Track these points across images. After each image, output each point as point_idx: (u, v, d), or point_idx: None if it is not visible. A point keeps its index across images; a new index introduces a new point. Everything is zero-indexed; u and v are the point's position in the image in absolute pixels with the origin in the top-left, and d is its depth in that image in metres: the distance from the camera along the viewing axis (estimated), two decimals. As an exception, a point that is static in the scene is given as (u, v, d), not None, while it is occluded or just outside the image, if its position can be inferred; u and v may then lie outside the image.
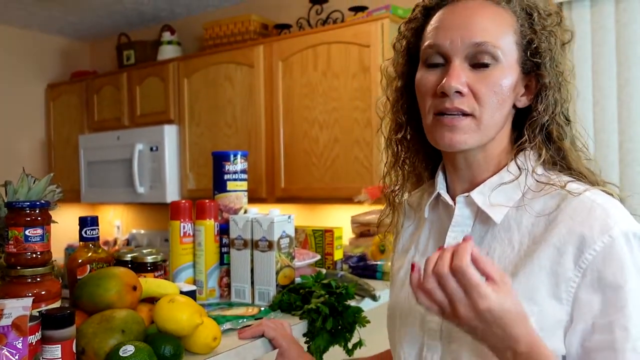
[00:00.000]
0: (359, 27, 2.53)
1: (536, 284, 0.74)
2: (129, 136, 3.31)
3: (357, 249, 2.01)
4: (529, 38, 0.79)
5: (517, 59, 0.79)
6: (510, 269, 0.77)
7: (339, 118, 2.60)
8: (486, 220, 0.82)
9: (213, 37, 3.11)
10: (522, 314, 0.68)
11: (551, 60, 0.79)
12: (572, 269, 0.73)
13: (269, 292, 1.37)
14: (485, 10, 0.78)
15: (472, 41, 0.77)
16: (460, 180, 0.86)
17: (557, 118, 0.80)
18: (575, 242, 0.73)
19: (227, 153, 1.49)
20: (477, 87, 0.77)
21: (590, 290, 0.72)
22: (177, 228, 1.42)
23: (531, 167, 0.80)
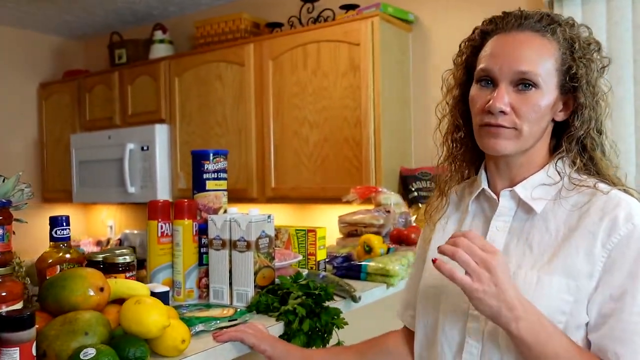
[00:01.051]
0: (349, 25, 2.51)
1: (575, 263, 0.88)
2: (120, 135, 3.30)
3: (343, 249, 1.99)
4: (568, 65, 0.93)
5: (556, 83, 0.93)
6: (549, 252, 0.92)
7: (329, 117, 2.58)
8: (527, 211, 0.97)
9: (204, 35, 3.09)
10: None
11: (587, 83, 0.93)
12: (600, 249, 0.87)
13: (247, 293, 1.35)
14: (531, 42, 0.93)
15: (517, 69, 0.92)
16: (501, 178, 1.00)
17: (591, 132, 0.95)
18: (605, 227, 0.88)
19: (206, 152, 1.47)
20: (519, 106, 0.92)
21: (612, 268, 0.86)
22: (155, 228, 1.39)
23: (567, 172, 0.95)
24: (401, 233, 1.89)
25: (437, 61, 2.63)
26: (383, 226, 2.04)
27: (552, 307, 0.87)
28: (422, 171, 2.57)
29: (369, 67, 2.45)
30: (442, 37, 2.61)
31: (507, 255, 0.94)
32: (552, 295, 0.88)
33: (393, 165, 2.57)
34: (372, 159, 2.47)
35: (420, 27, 2.69)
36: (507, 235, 0.97)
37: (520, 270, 0.92)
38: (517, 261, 0.93)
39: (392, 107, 2.56)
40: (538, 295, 0.88)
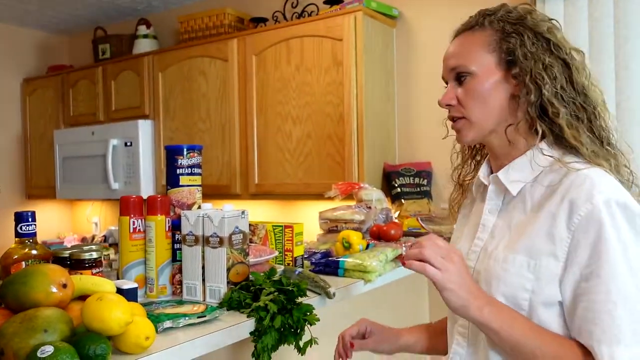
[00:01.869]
0: (331, 21, 2.50)
1: (535, 243, 0.93)
2: (103, 131, 3.27)
3: (323, 245, 1.98)
4: (499, 43, 1.00)
5: (495, 62, 1.00)
6: (519, 230, 0.97)
7: (312, 113, 2.57)
8: (509, 194, 1.03)
9: (188, 30, 3.07)
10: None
11: (523, 53, 0.97)
12: (565, 230, 0.90)
13: (219, 289, 1.33)
14: (460, 41, 1.04)
15: (449, 67, 1.05)
16: (495, 165, 1.08)
17: (546, 97, 0.96)
18: (565, 208, 0.91)
19: (180, 147, 1.46)
20: (462, 96, 1.02)
21: (577, 249, 0.89)
22: (127, 224, 1.38)
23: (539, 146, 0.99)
24: (380, 229, 1.88)
25: (421, 57, 2.62)
26: (364, 222, 2.03)
27: (515, 284, 0.94)
28: (406, 167, 2.56)
29: (351, 63, 2.44)
30: (426, 33, 2.60)
31: (493, 237, 1.02)
32: (514, 272, 0.94)
33: (376, 161, 2.56)
34: (354, 155, 2.45)
35: (404, 22, 2.68)
36: (497, 218, 1.04)
37: (495, 251, 0.99)
38: (497, 242, 1.00)
39: (376, 102, 2.54)
40: (502, 272, 0.95)
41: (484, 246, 1.03)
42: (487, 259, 1.00)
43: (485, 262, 1.00)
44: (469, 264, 1.03)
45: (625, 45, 2.09)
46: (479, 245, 1.05)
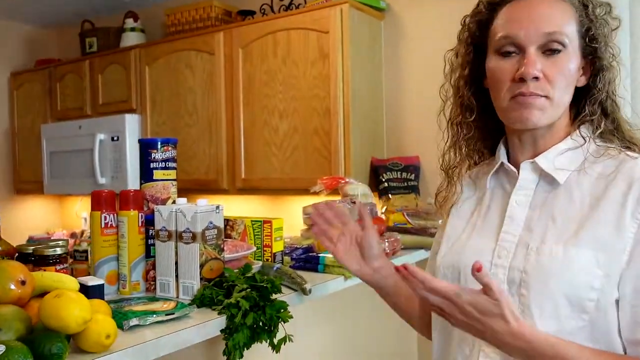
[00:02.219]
0: (318, 13, 2.46)
1: (602, 234, 0.83)
2: (90, 125, 3.23)
3: (306, 241, 1.95)
4: (587, 26, 0.90)
5: (578, 45, 0.90)
6: (575, 223, 0.86)
7: (299, 107, 2.53)
8: (550, 183, 0.92)
9: (175, 23, 3.03)
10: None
11: (605, 45, 0.90)
12: (630, 219, 0.82)
13: (192, 286, 1.31)
14: (550, 3, 0.89)
15: (544, 31, 0.87)
16: (524, 151, 0.96)
17: (611, 95, 0.92)
18: (634, 195, 0.83)
19: (154, 140, 1.43)
20: (550, 71, 0.87)
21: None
22: (98, 219, 1.35)
23: (592, 136, 0.91)
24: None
25: (409, 50, 2.59)
26: (348, 217, 2.00)
27: (582, 283, 0.82)
28: (393, 161, 2.54)
29: (338, 56, 2.41)
30: (415, 26, 2.57)
31: (530, 230, 0.90)
32: (581, 269, 0.82)
33: (364, 155, 2.53)
34: (341, 149, 2.42)
35: (392, 15, 2.65)
36: (529, 209, 0.92)
37: (544, 246, 0.87)
38: (541, 236, 0.88)
39: (363, 96, 2.51)
40: (565, 270, 0.83)
41: (520, 242, 0.90)
42: (537, 256, 0.86)
43: (532, 259, 0.87)
44: (500, 262, 0.91)
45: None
46: (509, 240, 0.91)
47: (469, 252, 0.95)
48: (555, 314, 0.83)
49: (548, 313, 0.83)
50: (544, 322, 0.83)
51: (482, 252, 0.92)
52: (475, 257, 0.89)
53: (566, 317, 0.82)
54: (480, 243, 0.95)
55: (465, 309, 0.79)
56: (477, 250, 0.93)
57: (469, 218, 1.03)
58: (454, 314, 0.80)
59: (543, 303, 0.84)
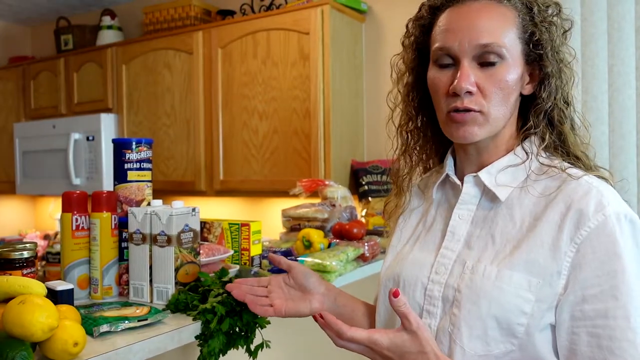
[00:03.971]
0: (298, 14, 2.44)
1: (537, 258, 0.80)
2: (65, 125, 3.16)
3: (285, 244, 1.93)
4: (530, 31, 0.84)
5: (520, 52, 0.85)
6: (512, 243, 0.83)
7: (279, 108, 2.51)
8: (492, 199, 0.89)
9: (153, 22, 2.98)
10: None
11: (552, 49, 0.85)
12: (568, 244, 0.79)
13: (167, 290, 1.27)
14: (488, 11, 0.84)
15: (479, 42, 0.83)
16: (470, 163, 0.93)
17: (558, 103, 0.86)
18: (573, 218, 0.79)
19: (128, 140, 1.38)
20: (485, 85, 0.83)
21: (582, 265, 0.77)
22: (69, 221, 1.30)
23: (536, 151, 0.87)
24: (342, 227, 1.83)
25: (390, 53, 2.55)
26: (327, 220, 1.98)
27: (512, 306, 0.79)
28: (374, 164, 2.52)
29: (318, 57, 2.38)
30: (395, 28, 2.56)
31: (469, 248, 0.87)
32: (512, 292, 0.79)
33: (344, 158, 2.51)
34: (321, 151, 2.40)
35: (373, 17, 2.63)
36: (470, 225, 0.89)
37: (479, 264, 0.84)
38: (478, 254, 0.86)
39: (343, 98, 2.49)
40: (497, 292, 0.80)
41: (458, 258, 0.87)
42: (471, 274, 0.84)
43: (467, 277, 0.84)
44: (437, 278, 0.88)
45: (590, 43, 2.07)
46: (448, 256, 0.89)
47: (410, 265, 0.93)
48: (484, 336, 0.81)
49: (477, 334, 0.81)
50: (472, 343, 0.82)
51: (421, 267, 0.91)
52: (415, 271, 0.91)
53: (495, 340, 0.80)
54: (421, 257, 0.93)
55: (385, 354, 0.78)
56: (417, 264, 0.92)
57: (414, 229, 1.00)
58: (374, 357, 0.80)
59: (472, 324, 0.82)
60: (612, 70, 2.05)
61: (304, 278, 1.06)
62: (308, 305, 1.05)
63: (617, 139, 2.04)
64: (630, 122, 2.03)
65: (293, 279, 1.07)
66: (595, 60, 2.07)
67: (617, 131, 2.04)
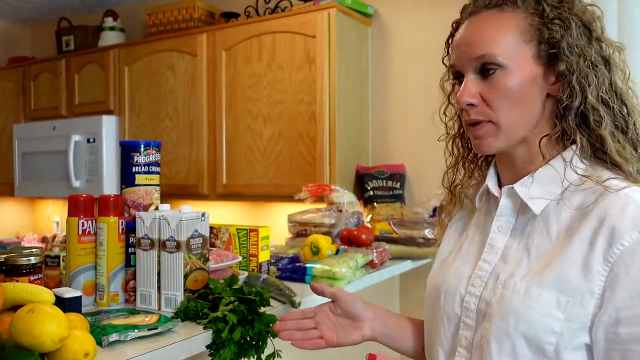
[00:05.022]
0: (304, 17, 2.41)
1: (567, 276, 0.77)
2: (65, 126, 3.12)
3: (291, 250, 1.89)
4: (540, 30, 0.82)
5: (533, 54, 0.82)
6: (545, 259, 0.81)
7: (283, 111, 2.48)
8: (528, 212, 0.86)
9: (157, 23, 2.95)
10: None
11: (568, 46, 0.80)
12: (601, 262, 0.76)
13: (176, 297, 1.24)
14: (486, 22, 0.84)
15: (474, 56, 0.84)
16: (507, 173, 0.91)
17: (590, 102, 0.80)
18: (605, 234, 0.76)
19: (137, 143, 1.35)
20: (487, 95, 0.84)
21: (615, 285, 0.74)
22: (75, 225, 1.27)
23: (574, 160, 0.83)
24: (351, 233, 1.80)
25: (397, 57, 2.56)
26: (334, 226, 1.95)
27: (541, 324, 0.78)
28: (379, 169, 2.50)
29: (324, 61, 2.36)
30: (402, 33, 2.54)
31: (505, 261, 0.86)
32: (540, 310, 0.78)
33: (349, 162, 2.49)
34: (326, 156, 2.37)
35: (380, 21, 2.61)
36: (509, 238, 0.88)
37: (511, 279, 0.83)
38: (512, 269, 0.84)
39: (349, 102, 2.47)
40: (524, 309, 0.79)
41: (493, 271, 0.86)
42: (503, 289, 0.82)
43: (498, 292, 0.83)
44: (473, 290, 0.88)
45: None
46: (485, 269, 0.88)
47: (450, 276, 0.94)
48: (513, 353, 0.80)
49: (506, 351, 0.80)
50: (501, 359, 0.81)
51: (460, 278, 0.91)
52: (455, 282, 0.91)
53: (524, 357, 0.79)
54: (461, 268, 0.92)
55: None
56: (457, 275, 0.92)
57: (457, 238, 1.00)
58: None
59: (501, 340, 0.81)
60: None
61: (351, 305, 1.06)
62: (360, 333, 1.05)
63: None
64: None
65: (340, 308, 1.06)
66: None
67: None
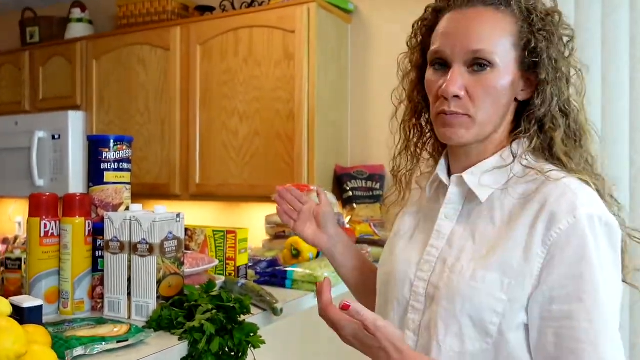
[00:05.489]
0: (283, 11, 2.33)
1: (509, 259, 0.82)
2: (28, 122, 2.97)
3: (269, 252, 1.81)
4: (527, 38, 0.86)
5: (515, 58, 0.86)
6: (490, 244, 0.85)
7: (260, 109, 2.39)
8: (474, 199, 0.90)
9: (127, 15, 2.82)
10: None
11: (549, 58, 0.85)
12: (540, 245, 0.80)
13: (147, 305, 1.14)
14: (484, 18, 0.86)
15: (470, 48, 0.85)
16: (459, 164, 0.94)
17: (553, 111, 0.87)
18: (545, 219, 0.81)
19: (106, 137, 1.25)
20: (473, 90, 0.85)
21: (551, 266, 0.79)
22: (37, 226, 1.16)
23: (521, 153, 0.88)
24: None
25: (376, 55, 2.50)
26: (314, 228, 1.87)
27: (484, 305, 0.82)
28: (358, 170, 2.43)
29: (304, 57, 2.28)
30: (382, 30, 2.48)
31: (451, 246, 0.90)
32: (485, 292, 0.82)
33: (328, 162, 2.41)
34: (304, 156, 2.29)
35: (359, 17, 2.55)
36: (456, 224, 0.91)
37: (458, 263, 0.87)
38: (458, 253, 0.88)
39: (328, 101, 2.40)
40: (470, 291, 0.83)
41: (440, 256, 0.90)
42: (450, 273, 0.86)
43: (446, 276, 0.87)
44: (422, 275, 0.91)
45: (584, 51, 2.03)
46: (433, 254, 0.91)
47: (399, 262, 0.97)
48: (460, 334, 0.84)
49: (453, 332, 0.84)
50: (448, 340, 0.84)
51: (410, 264, 0.94)
52: (405, 269, 0.94)
53: (470, 339, 0.83)
54: (411, 255, 0.95)
55: (350, 341, 0.81)
56: (406, 261, 0.95)
57: (409, 226, 1.02)
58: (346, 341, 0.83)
59: (449, 321, 0.85)
60: (605, 79, 2.02)
61: (323, 216, 1.16)
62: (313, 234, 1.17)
63: (609, 147, 2.00)
64: (624, 131, 1.99)
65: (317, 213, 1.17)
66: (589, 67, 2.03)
67: (608, 140, 2.00)
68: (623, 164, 1.99)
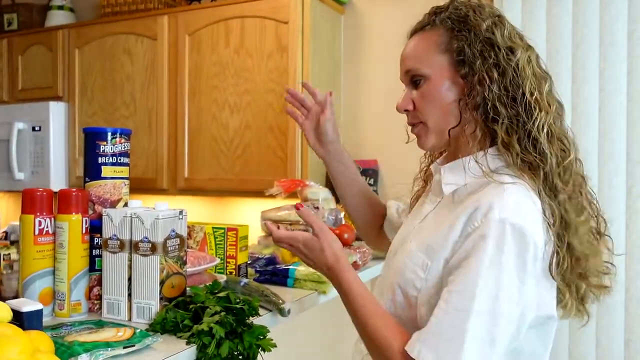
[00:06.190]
0: (277, 1, 2.26)
1: (435, 244, 0.92)
2: (7, 113, 2.85)
3: (266, 250, 1.76)
4: (451, 42, 0.96)
5: (449, 62, 0.96)
6: (432, 229, 0.97)
7: (252, 102, 2.33)
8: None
9: (111, 3, 2.73)
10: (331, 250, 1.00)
11: (472, 54, 0.93)
12: (458, 235, 0.89)
13: (150, 307, 1.09)
14: (412, 42, 1.02)
15: (404, 71, 1.03)
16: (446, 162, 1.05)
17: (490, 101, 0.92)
18: (468, 214, 0.89)
19: (104, 130, 1.19)
20: (418, 102, 1.00)
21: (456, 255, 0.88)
22: (31, 224, 1.09)
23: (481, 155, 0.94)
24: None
25: (370, 47, 2.45)
26: (311, 224, 1.82)
27: (408, 279, 0.94)
28: (351, 164, 2.38)
29: (297, 49, 2.22)
30: (376, 23, 2.43)
31: (421, 226, 1.01)
32: (411, 268, 0.94)
33: (321, 157, 2.36)
34: (298, 150, 2.24)
35: (353, 9, 2.50)
36: (433, 212, 1.02)
37: (409, 241, 0.99)
38: (416, 233, 1.01)
39: (322, 93, 2.34)
40: (402, 265, 0.96)
41: (410, 232, 1.04)
42: (400, 246, 1.03)
43: (397, 249, 1.04)
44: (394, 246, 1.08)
45: (582, 45, 2.03)
46: (407, 229, 1.07)
47: (396, 237, 1.11)
48: (393, 300, 0.96)
49: (388, 298, 0.98)
50: (383, 302, 0.97)
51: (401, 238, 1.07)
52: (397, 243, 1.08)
53: (401, 307, 0.95)
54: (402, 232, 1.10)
55: (300, 249, 1.01)
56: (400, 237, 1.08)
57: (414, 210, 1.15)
58: (297, 253, 1.02)
59: (384, 289, 1.00)
60: (603, 74, 2.01)
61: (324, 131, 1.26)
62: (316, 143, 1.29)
63: (607, 144, 2.00)
64: (621, 128, 1.99)
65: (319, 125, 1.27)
66: (586, 62, 2.02)
67: (607, 137, 2.00)
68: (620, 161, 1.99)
